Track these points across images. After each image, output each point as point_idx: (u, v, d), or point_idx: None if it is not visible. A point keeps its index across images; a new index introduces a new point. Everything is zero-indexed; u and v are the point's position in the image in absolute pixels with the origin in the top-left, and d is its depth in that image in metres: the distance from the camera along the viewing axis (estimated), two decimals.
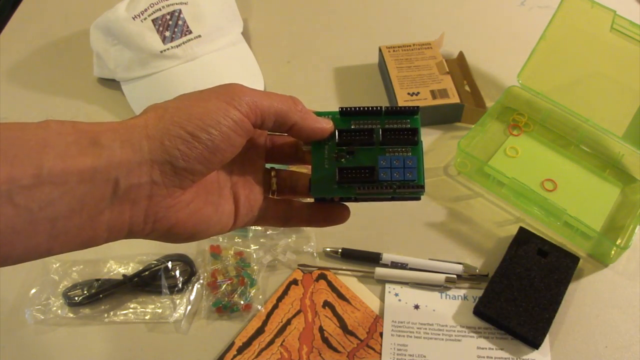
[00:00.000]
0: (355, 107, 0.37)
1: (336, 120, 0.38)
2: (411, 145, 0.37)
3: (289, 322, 0.56)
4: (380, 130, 0.37)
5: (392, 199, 0.37)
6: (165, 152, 0.30)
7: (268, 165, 0.39)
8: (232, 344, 0.54)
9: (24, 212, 0.27)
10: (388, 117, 0.37)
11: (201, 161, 0.31)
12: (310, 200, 0.39)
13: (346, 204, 0.39)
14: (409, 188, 0.36)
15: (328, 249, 0.60)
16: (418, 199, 0.37)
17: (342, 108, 0.37)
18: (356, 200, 0.38)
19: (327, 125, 0.36)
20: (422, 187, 0.36)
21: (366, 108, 0.37)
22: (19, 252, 0.28)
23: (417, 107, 0.37)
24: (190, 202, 0.33)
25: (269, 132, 0.39)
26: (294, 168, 0.42)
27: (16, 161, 0.27)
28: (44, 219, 0.28)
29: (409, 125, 0.37)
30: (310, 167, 0.38)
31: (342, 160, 0.37)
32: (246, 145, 0.37)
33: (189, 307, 0.56)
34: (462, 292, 0.57)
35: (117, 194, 0.30)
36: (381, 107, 0.37)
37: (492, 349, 0.54)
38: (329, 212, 0.39)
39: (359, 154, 0.37)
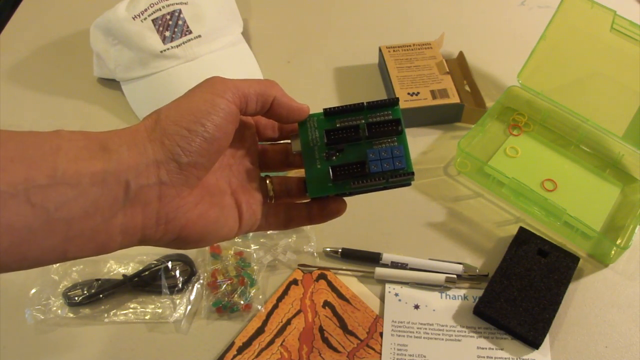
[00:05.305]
0: (337, 107, 0.39)
1: (321, 121, 0.39)
2: (396, 135, 0.39)
3: (289, 322, 0.56)
4: (365, 125, 0.38)
5: (385, 188, 0.39)
6: (167, 151, 0.32)
7: (262, 174, 0.41)
8: (232, 344, 0.54)
9: (40, 211, 0.28)
10: (370, 111, 0.39)
11: (202, 153, 0.33)
12: (307, 199, 0.41)
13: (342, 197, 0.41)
14: (400, 176, 0.38)
15: (328, 249, 0.60)
16: (409, 184, 0.39)
17: (325, 109, 0.39)
18: (351, 194, 0.40)
19: (303, 105, 0.38)
20: (412, 173, 0.38)
21: (349, 106, 0.39)
22: (35, 253, 0.29)
23: (397, 98, 0.39)
24: (197, 203, 0.35)
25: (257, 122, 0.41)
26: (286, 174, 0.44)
27: (32, 163, 0.28)
28: (60, 220, 0.29)
29: (391, 117, 0.39)
30: (302, 170, 0.40)
31: (333, 158, 0.39)
32: (240, 153, 0.39)
33: (189, 307, 0.56)
34: (462, 292, 0.57)
35: (129, 196, 0.31)
36: (363, 103, 0.39)
37: (492, 349, 0.54)
38: (326, 207, 0.41)
39: (348, 151, 0.39)
